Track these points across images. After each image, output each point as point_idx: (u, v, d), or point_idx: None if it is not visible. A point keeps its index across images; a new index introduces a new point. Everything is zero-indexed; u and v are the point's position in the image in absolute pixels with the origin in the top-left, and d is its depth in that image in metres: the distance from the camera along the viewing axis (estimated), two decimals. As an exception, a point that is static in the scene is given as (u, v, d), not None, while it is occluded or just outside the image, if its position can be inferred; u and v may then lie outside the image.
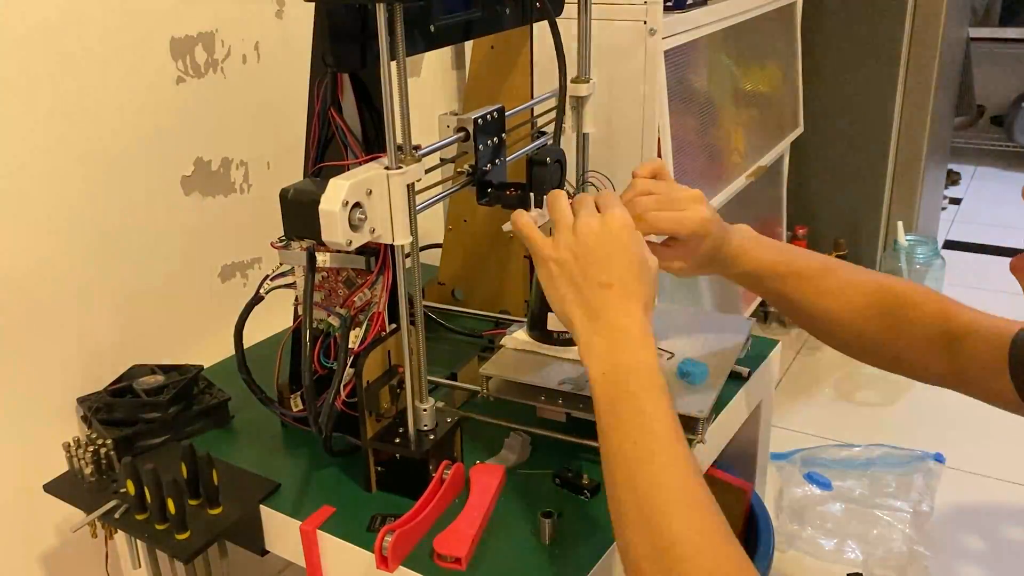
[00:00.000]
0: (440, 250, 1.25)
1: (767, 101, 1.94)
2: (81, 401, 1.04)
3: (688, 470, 0.66)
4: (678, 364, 0.96)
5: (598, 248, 0.74)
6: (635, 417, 0.68)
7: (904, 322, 0.87)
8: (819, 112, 2.24)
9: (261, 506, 0.88)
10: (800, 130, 2.09)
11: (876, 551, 1.54)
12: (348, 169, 0.76)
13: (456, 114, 0.92)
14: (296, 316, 0.92)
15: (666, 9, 1.33)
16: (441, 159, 0.93)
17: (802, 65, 2.06)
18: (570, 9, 1.03)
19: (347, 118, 0.85)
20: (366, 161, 0.78)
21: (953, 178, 3.62)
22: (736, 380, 1.05)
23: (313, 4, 0.78)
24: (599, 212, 0.76)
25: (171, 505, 0.83)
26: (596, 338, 0.73)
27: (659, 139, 1.35)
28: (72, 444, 0.92)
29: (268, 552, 0.90)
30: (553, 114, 1.02)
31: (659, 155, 1.37)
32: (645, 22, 1.30)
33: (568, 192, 0.98)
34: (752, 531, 1.17)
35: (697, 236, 0.87)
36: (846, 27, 2.26)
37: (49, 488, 0.93)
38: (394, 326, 0.86)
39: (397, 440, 0.86)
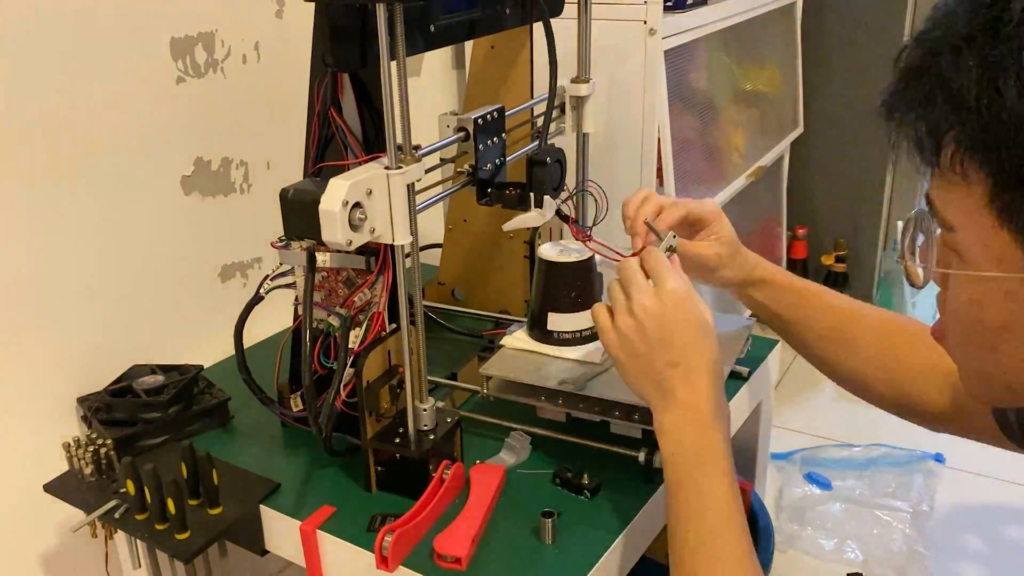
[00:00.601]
0: (440, 250, 1.25)
1: (767, 101, 1.94)
2: (81, 401, 1.04)
3: (734, 558, 0.69)
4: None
5: (659, 329, 0.74)
6: (694, 503, 0.71)
7: (902, 355, 0.88)
8: (819, 112, 2.24)
9: (261, 506, 0.88)
10: (800, 130, 2.09)
11: (876, 551, 1.54)
12: (348, 169, 0.76)
13: (456, 114, 0.93)
14: (296, 316, 0.92)
15: (666, 9, 1.33)
16: (441, 159, 0.93)
17: (802, 65, 2.05)
18: (570, 9, 1.03)
19: (347, 118, 0.85)
20: (366, 161, 0.78)
21: (953, 178, 3.61)
22: (736, 380, 1.05)
23: (313, 4, 0.78)
24: (652, 285, 0.76)
25: (171, 505, 0.83)
26: (667, 416, 0.75)
27: (659, 139, 1.36)
28: (72, 444, 0.92)
29: (268, 552, 0.90)
30: (554, 113, 1.02)
31: (659, 155, 1.37)
32: (645, 22, 1.30)
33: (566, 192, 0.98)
34: (752, 531, 1.17)
35: (719, 216, 0.93)
36: (846, 27, 2.26)
37: (49, 488, 0.93)
38: (394, 326, 0.86)
39: (397, 440, 0.85)
